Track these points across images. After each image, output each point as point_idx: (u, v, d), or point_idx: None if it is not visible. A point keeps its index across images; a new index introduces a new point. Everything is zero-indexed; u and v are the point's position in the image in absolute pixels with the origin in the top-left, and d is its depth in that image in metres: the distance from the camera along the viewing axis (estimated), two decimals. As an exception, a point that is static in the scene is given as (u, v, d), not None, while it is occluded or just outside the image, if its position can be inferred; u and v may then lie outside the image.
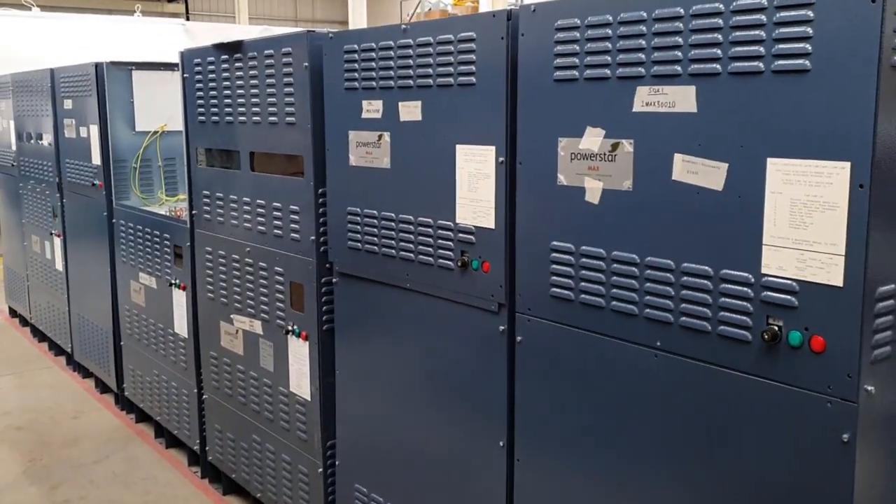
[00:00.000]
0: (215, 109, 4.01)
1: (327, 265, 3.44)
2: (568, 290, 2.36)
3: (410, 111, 2.90)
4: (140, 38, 10.35)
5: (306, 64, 3.33)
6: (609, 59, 2.18)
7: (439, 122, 2.78)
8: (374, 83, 3.02)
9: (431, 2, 15.55)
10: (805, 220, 1.82)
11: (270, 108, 3.59)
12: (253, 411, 4.03)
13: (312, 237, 3.44)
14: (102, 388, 6.08)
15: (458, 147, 2.71)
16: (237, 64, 3.78)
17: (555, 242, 2.38)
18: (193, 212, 4.35)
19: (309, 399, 3.58)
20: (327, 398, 3.52)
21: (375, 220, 3.10)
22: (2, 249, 8.50)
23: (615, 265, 2.23)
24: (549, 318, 2.44)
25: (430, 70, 2.79)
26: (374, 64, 3.01)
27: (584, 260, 2.31)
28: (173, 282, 4.65)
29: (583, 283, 2.32)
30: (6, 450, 5.14)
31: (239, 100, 3.80)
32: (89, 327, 6.04)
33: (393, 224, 3.02)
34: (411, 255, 2.95)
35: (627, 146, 2.16)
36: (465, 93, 2.66)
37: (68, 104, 5.90)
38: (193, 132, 4.26)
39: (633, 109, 2.13)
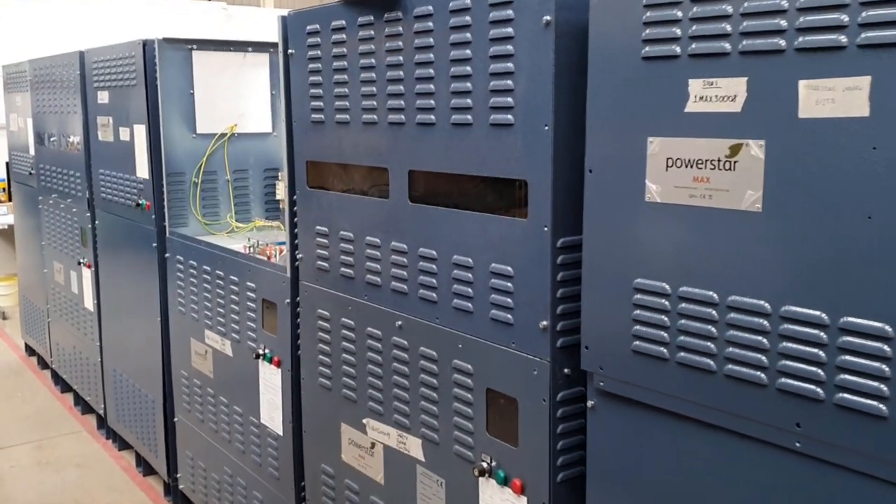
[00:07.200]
0: (344, 103, 2.56)
1: (566, 371, 1.98)
2: None
3: (831, 97, 1.42)
4: (176, 23, 8.94)
5: (548, 18, 1.86)
6: None
7: (929, 123, 1.30)
8: (726, 44, 1.55)
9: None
10: None
11: (457, 101, 2.13)
12: (402, 575, 2.57)
13: (544, 322, 1.97)
14: (146, 468, 4.64)
15: None
16: (391, 29, 2.32)
17: None
18: (299, 255, 2.89)
19: (526, 593, 2.12)
20: None
21: (713, 311, 1.62)
22: (17, 269, 7.07)
23: None
24: None
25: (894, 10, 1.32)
26: (727, 7, 1.54)
27: None
28: (261, 352, 3.19)
29: None
30: (20, 577, 3.72)
31: (392, 87, 2.34)
32: (129, 390, 4.60)
33: (764, 323, 1.54)
34: (818, 389, 1.47)
35: None
36: None
37: (103, 97, 4.46)
38: (303, 137, 2.80)
39: None
